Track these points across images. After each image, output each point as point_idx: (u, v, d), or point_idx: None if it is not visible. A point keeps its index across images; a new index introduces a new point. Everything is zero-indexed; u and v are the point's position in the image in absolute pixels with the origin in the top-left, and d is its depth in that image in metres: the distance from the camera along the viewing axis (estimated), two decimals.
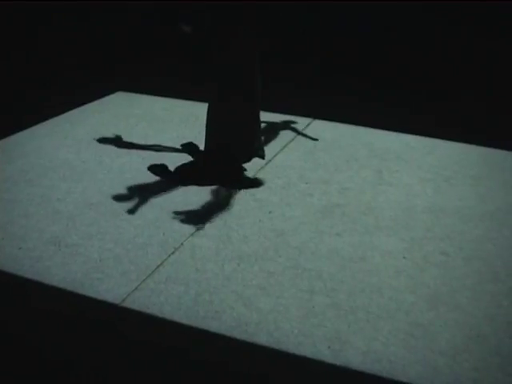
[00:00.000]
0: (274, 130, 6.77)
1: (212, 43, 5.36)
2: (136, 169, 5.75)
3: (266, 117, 5.75)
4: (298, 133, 6.80)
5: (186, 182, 5.45)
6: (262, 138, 6.02)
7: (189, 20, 5.25)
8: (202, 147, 6.12)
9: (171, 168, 5.76)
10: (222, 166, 5.54)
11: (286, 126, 6.97)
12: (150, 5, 10.08)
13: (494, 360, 3.45)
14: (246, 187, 5.42)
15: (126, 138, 6.51)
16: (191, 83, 8.23)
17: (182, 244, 4.52)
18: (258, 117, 5.66)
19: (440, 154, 6.33)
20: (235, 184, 5.45)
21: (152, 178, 5.57)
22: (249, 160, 5.71)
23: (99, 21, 10.16)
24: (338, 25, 9.38)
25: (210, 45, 5.37)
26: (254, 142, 5.73)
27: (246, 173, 5.65)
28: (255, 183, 5.52)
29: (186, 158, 5.98)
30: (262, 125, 5.70)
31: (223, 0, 5.21)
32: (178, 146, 6.29)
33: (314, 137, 6.65)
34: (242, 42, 5.35)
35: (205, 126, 5.87)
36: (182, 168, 5.76)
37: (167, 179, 5.52)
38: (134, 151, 6.17)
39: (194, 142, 6.36)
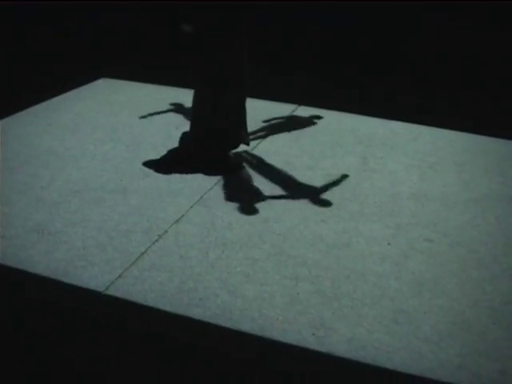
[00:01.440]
0: (259, 116, 6.75)
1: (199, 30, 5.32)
2: (120, 156, 5.72)
3: (251, 103, 5.71)
4: (283, 119, 6.78)
5: (172, 169, 5.43)
6: (247, 124, 5.98)
7: (189, 19, 5.18)
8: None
9: (156, 155, 5.74)
10: (208, 153, 5.51)
11: (271, 112, 6.96)
12: None
13: (478, 346, 3.46)
14: (231, 173, 5.40)
15: (109, 125, 6.47)
16: (176, 70, 8.19)
17: (166, 231, 4.50)
18: (243, 103, 5.63)
19: (425, 140, 6.33)
20: (220, 170, 5.42)
21: (136, 164, 5.54)
22: (235, 147, 5.69)
23: (85, 8, 10.09)
24: (324, 13, 9.35)
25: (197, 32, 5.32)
26: (241, 129, 5.70)
27: (231, 159, 5.62)
28: (240, 169, 5.50)
29: (169, 146, 5.94)
30: (248, 111, 5.67)
31: None
32: (162, 133, 6.26)
33: (299, 124, 6.64)
34: (230, 28, 5.30)
35: (190, 112, 5.83)
36: (169, 155, 5.74)
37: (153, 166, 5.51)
38: (117, 138, 6.13)
39: (179, 128, 6.32)
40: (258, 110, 6.84)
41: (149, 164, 5.56)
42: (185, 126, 6.31)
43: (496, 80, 8.19)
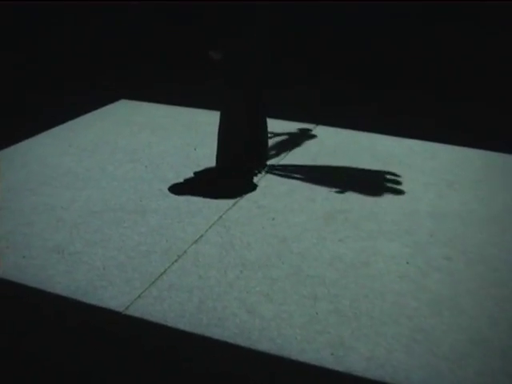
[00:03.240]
0: (277, 136, 6.78)
1: (220, 47, 5.33)
2: (139, 176, 5.76)
3: (269, 124, 5.75)
4: (301, 139, 6.80)
5: (191, 189, 5.49)
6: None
7: (218, 46, 5.19)
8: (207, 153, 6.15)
9: (175, 175, 5.78)
10: (233, 179, 5.56)
11: (289, 132, 6.98)
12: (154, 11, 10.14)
13: (497, 364, 3.45)
14: (249, 194, 5.43)
15: (129, 146, 6.53)
16: (195, 91, 8.26)
17: (185, 251, 4.53)
18: (266, 126, 5.68)
19: (442, 158, 6.33)
20: (238, 191, 5.45)
21: (155, 185, 5.58)
22: (258, 170, 5.74)
23: (101, 29, 10.19)
24: (339, 30, 9.39)
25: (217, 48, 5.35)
26: (263, 152, 5.75)
27: (249, 179, 5.65)
28: (258, 189, 5.52)
29: (188, 166, 5.99)
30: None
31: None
32: (181, 153, 6.30)
33: (317, 143, 6.66)
34: (254, 45, 5.32)
35: (208, 133, 5.88)
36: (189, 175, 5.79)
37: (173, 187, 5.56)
38: (137, 159, 6.18)
39: (197, 149, 6.37)
40: (276, 130, 6.87)
41: (168, 184, 5.60)
42: (203, 146, 6.37)
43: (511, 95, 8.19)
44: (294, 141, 6.75)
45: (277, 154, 6.30)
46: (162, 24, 10.20)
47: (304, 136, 6.91)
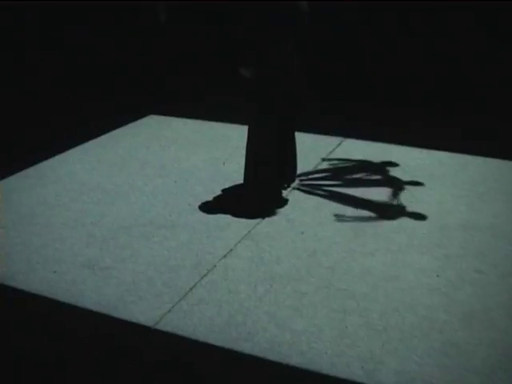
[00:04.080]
0: (305, 150, 6.78)
1: (251, 65, 5.33)
2: (168, 191, 5.79)
3: (297, 137, 5.74)
4: (329, 152, 6.79)
5: (220, 204, 5.51)
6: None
7: (248, 64, 5.19)
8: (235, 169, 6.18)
9: (204, 190, 5.81)
10: (261, 195, 5.57)
11: (318, 145, 6.98)
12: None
13: None
14: (278, 208, 5.43)
15: (158, 161, 6.57)
16: (222, 105, 8.29)
17: (214, 266, 4.54)
18: (294, 140, 5.67)
19: (472, 170, 6.29)
20: (268, 205, 5.45)
21: (184, 200, 5.61)
22: (286, 185, 5.76)
23: (131, 44, 10.26)
24: (365, 40, 9.38)
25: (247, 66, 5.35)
26: (292, 169, 5.75)
27: (278, 194, 5.66)
28: (287, 203, 5.52)
29: (217, 181, 6.01)
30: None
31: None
32: (210, 168, 6.33)
33: (345, 156, 6.66)
34: (285, 61, 5.31)
35: (236, 147, 5.88)
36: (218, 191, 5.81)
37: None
38: (166, 174, 6.21)
39: (226, 164, 6.40)
40: (304, 144, 6.86)
41: (197, 199, 5.62)
42: (232, 161, 6.39)
43: None
44: (322, 154, 6.74)
45: (305, 169, 6.29)
46: (189, 36, 10.24)
47: (332, 149, 6.89)
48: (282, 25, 5.15)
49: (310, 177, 6.12)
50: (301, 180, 6.01)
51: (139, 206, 5.51)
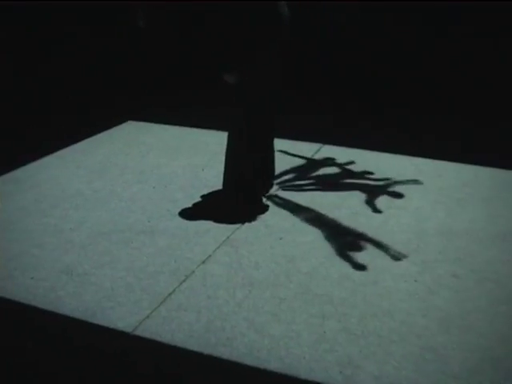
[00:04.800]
0: (283, 156, 6.80)
1: (235, 71, 5.32)
2: (147, 197, 5.79)
3: (276, 143, 5.76)
4: (308, 159, 6.82)
5: (198, 210, 5.52)
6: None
7: (231, 70, 5.17)
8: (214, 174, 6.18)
9: (183, 196, 5.80)
10: (240, 201, 5.57)
11: (296, 151, 7.00)
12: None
13: (507, 382, 3.44)
14: (257, 214, 5.44)
15: (137, 167, 6.56)
16: (202, 111, 8.30)
17: (193, 271, 4.54)
18: (273, 147, 5.68)
19: (450, 176, 6.33)
20: (246, 211, 5.46)
21: (163, 206, 5.60)
22: (265, 190, 5.77)
23: (109, 50, 10.25)
24: (346, 46, 9.43)
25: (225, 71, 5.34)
26: (271, 173, 5.76)
27: (257, 200, 5.67)
28: (266, 209, 5.53)
29: (196, 187, 6.01)
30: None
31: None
32: (189, 174, 6.33)
33: (324, 163, 6.68)
34: (267, 70, 5.31)
35: (215, 153, 5.88)
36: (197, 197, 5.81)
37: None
38: (145, 180, 6.21)
39: (205, 170, 6.40)
40: (283, 150, 6.89)
41: (176, 205, 5.62)
42: (211, 167, 6.40)
43: None
44: (301, 161, 6.76)
45: (283, 174, 6.31)
46: (171, 44, 10.25)
47: (311, 155, 6.92)
48: (264, 26, 5.15)
49: (289, 183, 6.14)
50: (279, 186, 6.02)
51: (118, 212, 5.50)
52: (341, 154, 6.97)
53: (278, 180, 6.09)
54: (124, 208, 5.58)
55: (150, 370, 3.59)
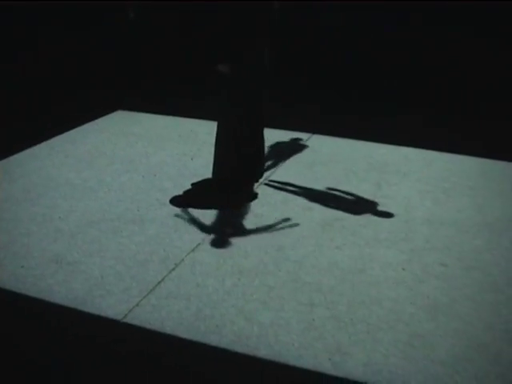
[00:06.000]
0: (273, 145, 6.82)
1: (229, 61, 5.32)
2: (137, 186, 5.79)
3: (265, 133, 5.78)
4: (297, 148, 6.84)
5: (188, 199, 5.53)
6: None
7: (226, 59, 5.16)
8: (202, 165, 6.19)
9: (172, 185, 5.81)
10: (230, 190, 5.59)
11: (285, 141, 7.02)
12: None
13: (493, 368, 3.48)
14: (247, 203, 5.46)
15: (126, 156, 6.56)
16: (191, 101, 8.30)
17: (182, 260, 4.55)
18: (263, 136, 5.69)
19: (438, 165, 6.37)
20: (236, 200, 5.48)
21: (152, 194, 5.61)
22: (254, 180, 5.78)
23: (101, 39, 10.23)
24: (338, 37, 9.44)
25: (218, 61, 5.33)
26: (260, 162, 5.78)
27: (246, 189, 5.68)
28: (255, 198, 5.55)
29: (185, 176, 6.02)
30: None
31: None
32: (178, 163, 6.33)
33: (313, 152, 6.70)
34: (256, 59, 5.32)
35: (204, 143, 5.89)
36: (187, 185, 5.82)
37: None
38: (134, 169, 6.21)
39: (194, 159, 6.41)
40: (272, 140, 6.91)
41: (165, 194, 5.63)
42: (200, 156, 6.41)
43: (509, 104, 8.22)
44: (290, 150, 6.78)
45: (273, 164, 6.33)
46: (163, 35, 10.24)
47: (300, 145, 6.94)
48: (255, 23, 5.16)
49: (278, 172, 6.15)
50: (268, 176, 6.03)
51: (107, 201, 5.50)
52: (330, 143, 7.00)
53: (268, 169, 6.10)
54: (113, 197, 5.58)
55: (140, 358, 3.61)
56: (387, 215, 5.27)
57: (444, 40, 8.83)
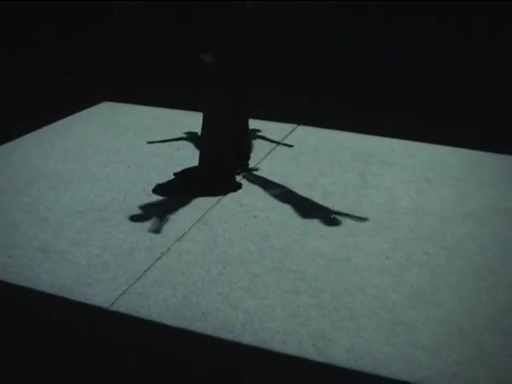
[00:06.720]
0: (258, 136, 6.86)
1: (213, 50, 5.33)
2: (123, 176, 5.82)
3: (250, 123, 5.82)
4: (282, 139, 6.88)
5: (174, 189, 5.56)
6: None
7: (210, 49, 5.16)
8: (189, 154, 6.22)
9: (158, 175, 5.84)
10: (215, 180, 5.61)
11: (271, 132, 7.06)
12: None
13: (474, 354, 3.54)
14: (232, 192, 5.50)
15: (112, 147, 6.58)
16: (177, 92, 8.32)
17: (168, 249, 4.59)
18: (248, 126, 5.72)
19: (422, 156, 6.43)
20: (221, 190, 5.52)
21: (138, 184, 5.64)
22: (240, 170, 5.82)
23: (88, 30, 10.23)
24: (323, 27, 9.48)
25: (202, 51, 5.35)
26: (246, 152, 5.81)
27: (231, 179, 5.72)
28: (240, 188, 5.59)
29: (171, 166, 6.05)
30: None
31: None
32: (164, 154, 6.36)
33: (298, 142, 6.74)
34: (242, 48, 5.34)
35: (190, 133, 5.91)
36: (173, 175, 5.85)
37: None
38: (120, 160, 6.23)
39: (180, 149, 6.44)
40: (258, 130, 6.96)
41: (151, 184, 5.66)
42: (186, 146, 6.44)
43: (493, 97, 8.29)
44: (276, 140, 6.82)
45: (258, 154, 6.37)
46: (149, 27, 10.26)
47: (285, 136, 6.98)
48: (229, 25, 5.18)
49: (263, 162, 6.19)
50: (254, 165, 6.07)
51: (94, 191, 5.53)
52: (315, 134, 7.04)
53: (253, 159, 6.14)
54: (99, 187, 5.61)
55: (127, 345, 3.65)
56: (371, 205, 5.32)
57: (431, 35, 8.89)
